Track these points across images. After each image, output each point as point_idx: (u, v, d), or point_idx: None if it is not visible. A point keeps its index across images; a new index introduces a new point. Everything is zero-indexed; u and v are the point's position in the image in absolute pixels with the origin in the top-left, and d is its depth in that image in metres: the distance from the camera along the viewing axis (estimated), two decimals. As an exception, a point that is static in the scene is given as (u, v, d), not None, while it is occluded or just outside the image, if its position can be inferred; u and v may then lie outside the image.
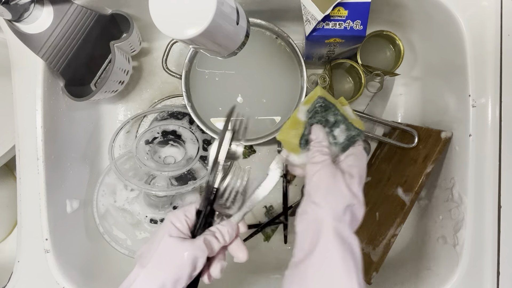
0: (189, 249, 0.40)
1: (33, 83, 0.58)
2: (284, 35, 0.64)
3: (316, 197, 0.41)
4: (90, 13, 0.57)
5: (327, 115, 0.45)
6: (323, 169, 0.42)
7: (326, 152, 0.43)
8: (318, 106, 0.45)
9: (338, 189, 0.41)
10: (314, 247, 0.39)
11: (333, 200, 0.40)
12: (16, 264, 0.59)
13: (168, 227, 0.43)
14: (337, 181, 0.41)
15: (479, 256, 0.55)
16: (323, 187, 0.41)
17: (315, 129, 0.45)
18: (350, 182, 0.42)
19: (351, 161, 0.44)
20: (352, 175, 0.43)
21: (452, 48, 0.59)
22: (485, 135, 0.55)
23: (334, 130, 0.44)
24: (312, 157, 0.43)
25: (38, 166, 0.58)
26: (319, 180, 0.42)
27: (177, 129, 0.70)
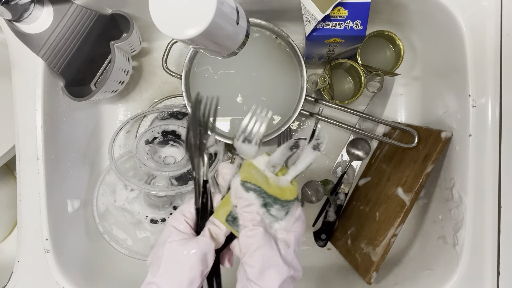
0: (194, 248, 0.40)
1: (33, 83, 0.58)
2: (284, 35, 0.64)
3: (252, 276, 0.40)
4: (90, 13, 0.57)
5: (256, 198, 0.42)
6: (257, 245, 0.40)
7: (257, 221, 0.41)
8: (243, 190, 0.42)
9: (274, 265, 0.40)
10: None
11: (270, 279, 0.40)
12: (16, 264, 0.59)
13: (170, 232, 0.42)
14: (273, 258, 0.40)
15: (479, 256, 0.55)
16: (259, 265, 0.40)
17: (238, 192, 0.42)
18: (286, 253, 0.41)
19: (287, 224, 0.43)
20: (288, 243, 0.42)
21: (452, 48, 0.59)
22: (485, 135, 0.55)
23: (269, 210, 0.42)
24: (244, 227, 0.41)
25: (38, 166, 0.58)
26: (254, 258, 0.40)
27: (177, 129, 0.70)
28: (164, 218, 0.71)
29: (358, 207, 0.71)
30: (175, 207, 0.71)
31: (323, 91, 0.69)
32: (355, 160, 0.74)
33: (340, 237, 0.71)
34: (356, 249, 0.66)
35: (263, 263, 0.40)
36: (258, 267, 0.40)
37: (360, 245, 0.66)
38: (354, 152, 0.74)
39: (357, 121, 0.74)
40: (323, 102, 0.71)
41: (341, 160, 0.75)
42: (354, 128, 0.70)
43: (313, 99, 0.71)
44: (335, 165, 0.75)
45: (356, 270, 0.66)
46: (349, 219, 0.71)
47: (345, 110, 0.70)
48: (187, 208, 0.44)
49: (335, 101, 0.70)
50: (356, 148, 0.74)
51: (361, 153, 0.73)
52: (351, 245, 0.68)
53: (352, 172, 0.74)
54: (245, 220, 0.42)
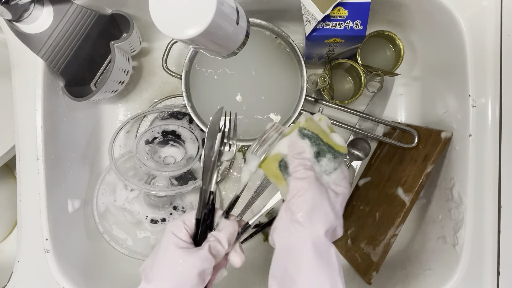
0: (195, 261, 0.39)
1: (33, 83, 0.58)
2: (284, 35, 0.64)
3: (299, 216, 0.39)
4: (90, 13, 0.57)
5: (310, 147, 0.42)
6: (307, 187, 0.40)
7: (309, 166, 0.41)
8: (298, 135, 0.43)
9: (322, 209, 0.39)
10: (297, 273, 0.38)
11: (317, 222, 0.39)
12: (16, 264, 0.59)
13: (170, 238, 0.41)
14: (322, 201, 0.40)
15: (479, 256, 0.55)
16: (307, 206, 0.39)
17: (292, 139, 0.42)
18: (335, 201, 0.41)
19: (337, 178, 0.42)
20: (337, 192, 0.41)
21: (452, 48, 0.59)
22: (485, 135, 0.55)
23: (320, 160, 0.42)
24: (295, 171, 0.41)
25: (38, 166, 0.58)
26: (302, 198, 0.39)
27: (177, 129, 0.70)
28: (164, 218, 0.71)
29: (358, 207, 0.71)
30: (175, 207, 0.71)
31: (323, 91, 0.69)
32: (355, 160, 0.74)
33: (340, 237, 0.71)
34: (356, 249, 0.66)
35: (312, 205, 0.39)
36: (307, 209, 0.39)
37: (360, 245, 0.66)
38: (354, 152, 0.74)
39: (357, 121, 0.74)
40: (323, 102, 0.71)
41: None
42: (354, 128, 0.70)
43: (313, 99, 0.71)
44: (335, 165, 0.75)
45: (356, 270, 0.66)
46: (349, 219, 0.71)
47: (345, 110, 0.70)
48: (189, 217, 0.43)
49: (335, 101, 0.70)
50: (356, 148, 0.74)
51: (361, 153, 0.73)
52: (351, 245, 0.68)
53: (352, 172, 0.74)
54: (297, 165, 0.41)
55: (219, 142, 0.45)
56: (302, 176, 0.40)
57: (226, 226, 0.44)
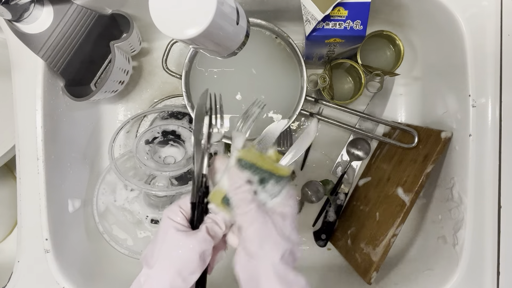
0: (195, 243, 0.40)
1: (33, 83, 0.58)
2: (284, 35, 0.64)
3: (252, 249, 0.40)
4: (90, 13, 0.57)
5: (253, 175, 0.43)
6: (252, 220, 0.40)
7: (249, 199, 0.41)
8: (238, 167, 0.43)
9: (271, 239, 0.40)
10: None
11: (269, 250, 0.40)
12: (16, 264, 0.59)
13: (168, 223, 0.42)
14: (269, 231, 0.40)
15: (479, 256, 0.55)
16: (256, 239, 0.40)
17: (232, 174, 0.43)
18: (282, 225, 0.41)
19: (283, 199, 0.43)
20: (284, 215, 0.42)
21: (452, 48, 0.59)
22: (485, 135, 0.55)
23: (265, 186, 0.43)
24: (237, 207, 0.41)
25: (38, 166, 0.58)
26: (251, 232, 0.40)
27: (177, 129, 0.70)
28: (164, 218, 0.71)
29: (358, 207, 0.71)
30: (175, 207, 0.71)
31: (323, 91, 0.69)
32: (355, 160, 0.74)
33: (340, 237, 0.71)
34: (356, 249, 0.66)
35: (260, 236, 0.40)
36: (257, 241, 0.40)
37: (360, 245, 0.66)
38: (354, 152, 0.74)
39: (357, 121, 0.74)
40: (323, 102, 0.71)
41: (341, 160, 0.75)
42: (354, 128, 0.70)
43: (313, 99, 0.71)
44: (335, 165, 0.75)
45: (356, 270, 0.66)
46: (349, 219, 0.71)
47: (345, 110, 0.70)
48: (184, 201, 0.44)
49: (335, 101, 0.70)
50: (356, 148, 0.74)
51: (361, 153, 0.73)
52: (351, 245, 0.68)
53: (352, 172, 0.74)
54: (238, 200, 0.41)
55: (207, 125, 0.46)
56: (244, 211, 0.41)
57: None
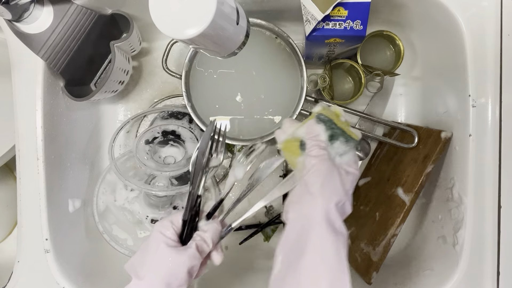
0: (185, 259, 0.43)
1: (33, 83, 0.58)
2: (284, 35, 0.64)
3: (313, 188, 0.42)
4: (90, 13, 0.57)
5: (325, 131, 0.46)
6: (321, 163, 0.43)
7: (323, 147, 0.44)
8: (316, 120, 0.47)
9: (333, 184, 0.42)
10: (306, 240, 0.40)
11: (328, 194, 0.42)
12: (16, 264, 0.59)
13: (159, 238, 0.44)
14: (333, 176, 0.43)
15: (479, 256, 0.55)
16: (320, 180, 0.42)
17: (309, 124, 0.46)
18: (345, 178, 0.44)
19: (349, 160, 0.45)
20: (348, 172, 0.44)
21: (452, 48, 0.59)
22: (485, 135, 0.55)
23: (334, 143, 0.45)
24: (310, 150, 0.44)
25: (38, 166, 0.58)
26: (316, 173, 0.43)
27: (176, 129, 0.70)
28: (164, 218, 0.71)
29: (358, 207, 0.71)
30: (175, 207, 0.71)
31: (323, 91, 0.69)
32: (355, 160, 0.74)
33: (340, 237, 0.71)
34: (356, 249, 0.66)
35: (324, 179, 0.42)
36: (319, 182, 0.42)
37: (360, 245, 0.66)
38: (354, 152, 0.74)
39: (357, 121, 0.74)
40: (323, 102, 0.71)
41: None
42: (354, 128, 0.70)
43: (313, 99, 0.71)
44: (335, 165, 0.75)
45: (356, 270, 0.66)
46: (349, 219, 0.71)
47: (345, 110, 0.70)
48: (176, 218, 0.47)
49: (335, 101, 0.70)
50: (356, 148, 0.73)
51: (361, 153, 0.73)
52: (351, 245, 0.68)
53: (352, 172, 0.74)
54: (312, 145, 0.44)
55: (208, 150, 0.50)
56: (316, 154, 0.44)
57: (210, 227, 0.48)
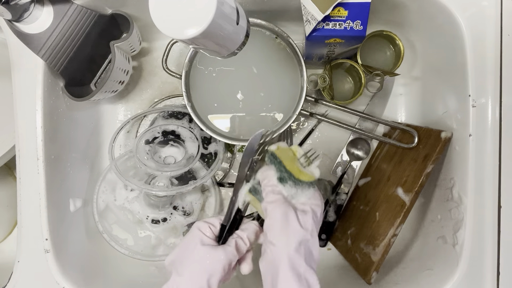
0: (224, 256, 0.44)
1: (33, 83, 0.58)
2: (284, 35, 0.64)
3: (271, 236, 0.43)
4: (90, 13, 0.57)
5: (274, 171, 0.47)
6: (275, 209, 0.44)
7: (277, 191, 0.45)
8: (267, 160, 0.49)
9: (290, 226, 0.43)
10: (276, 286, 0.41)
11: (286, 238, 0.42)
12: (16, 264, 0.59)
13: (199, 236, 0.46)
14: (289, 219, 0.43)
15: (479, 256, 0.55)
16: (276, 226, 0.43)
17: (264, 169, 0.48)
18: (303, 218, 0.44)
19: (304, 200, 0.46)
20: (305, 211, 0.45)
21: (452, 48, 0.59)
22: (485, 135, 0.55)
23: (285, 185, 0.46)
24: (266, 196, 0.46)
25: (38, 166, 0.58)
26: (272, 219, 0.43)
27: (176, 129, 0.70)
28: (166, 218, 0.71)
29: (358, 207, 0.71)
30: (175, 207, 0.71)
31: (323, 91, 0.69)
32: (355, 160, 0.74)
33: (340, 237, 0.71)
34: (356, 249, 0.66)
35: (280, 224, 0.43)
36: (276, 228, 0.43)
37: (360, 245, 0.66)
38: (354, 152, 0.74)
39: (357, 121, 0.74)
40: (323, 102, 0.71)
41: (341, 160, 0.75)
42: (354, 128, 0.70)
43: (313, 99, 0.71)
44: (335, 165, 0.75)
45: (356, 270, 0.66)
46: (349, 219, 0.71)
47: (345, 110, 0.70)
48: (214, 221, 0.48)
49: (335, 101, 0.70)
50: (356, 148, 0.74)
51: (361, 153, 0.73)
52: (351, 245, 0.68)
53: (352, 172, 0.74)
54: (267, 191, 0.46)
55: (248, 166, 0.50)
56: (271, 200, 0.45)
57: (249, 226, 0.49)
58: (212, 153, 0.73)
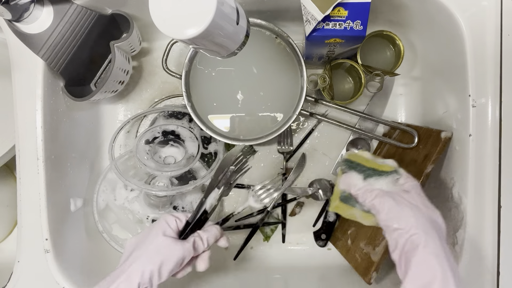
0: (180, 249, 0.47)
1: (33, 83, 0.58)
2: (284, 35, 0.64)
3: (394, 223, 0.44)
4: (90, 13, 0.57)
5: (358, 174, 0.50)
6: (384, 200, 0.45)
7: (370, 189, 0.47)
8: (344, 168, 0.52)
9: (402, 206, 0.44)
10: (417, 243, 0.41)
11: (405, 217, 0.43)
12: (16, 264, 0.59)
13: (163, 227, 0.49)
14: (399, 202, 0.45)
15: (479, 256, 0.55)
16: (393, 216, 0.44)
17: (343, 179, 0.51)
18: (408, 197, 0.46)
19: (398, 183, 0.48)
20: (407, 190, 0.47)
21: (452, 48, 0.59)
22: (485, 135, 0.55)
23: (370, 181, 0.49)
24: (364, 199, 0.47)
25: (38, 166, 0.58)
26: (386, 210, 0.44)
27: (176, 129, 0.70)
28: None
29: (358, 207, 0.70)
30: (175, 207, 0.71)
31: (323, 91, 0.69)
32: (355, 160, 0.74)
33: (340, 237, 0.71)
34: (356, 249, 0.66)
35: (395, 213, 0.44)
36: (394, 218, 0.44)
37: (360, 245, 0.66)
38: (354, 152, 0.74)
39: (357, 121, 0.74)
40: (323, 102, 0.71)
41: (341, 160, 0.75)
42: (354, 128, 0.70)
43: (313, 99, 0.71)
44: (335, 165, 0.75)
45: (356, 270, 0.66)
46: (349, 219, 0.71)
47: (345, 110, 0.70)
48: (181, 216, 0.51)
49: (335, 101, 0.70)
50: (356, 148, 0.74)
51: (361, 153, 0.73)
52: (351, 245, 0.68)
53: (352, 172, 0.74)
54: (363, 193, 0.48)
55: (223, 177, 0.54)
56: (373, 196, 0.46)
57: (211, 229, 0.51)
58: (212, 153, 0.73)
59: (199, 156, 0.68)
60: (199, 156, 0.68)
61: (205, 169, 0.71)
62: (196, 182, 0.66)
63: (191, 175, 0.71)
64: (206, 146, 0.72)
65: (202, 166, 0.72)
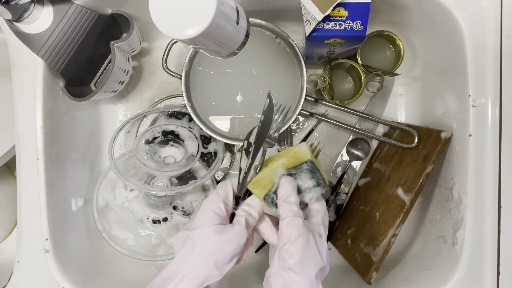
0: (232, 236, 0.43)
1: (33, 83, 0.58)
2: (284, 35, 0.64)
3: (292, 263, 0.42)
4: (90, 13, 0.57)
5: (310, 179, 0.47)
6: (298, 235, 0.42)
7: (297, 213, 0.44)
8: (305, 169, 0.47)
9: (312, 255, 0.43)
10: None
11: (308, 267, 0.42)
12: (16, 264, 0.59)
13: (209, 217, 0.44)
14: (311, 247, 0.43)
15: (479, 256, 0.55)
16: (298, 253, 0.42)
17: (284, 182, 0.46)
18: (320, 243, 0.44)
19: (319, 219, 0.46)
20: (320, 234, 0.45)
21: (452, 48, 0.59)
22: (485, 135, 0.55)
23: (310, 192, 0.46)
24: (284, 218, 0.44)
25: (38, 166, 0.59)
26: (294, 246, 0.42)
27: (175, 129, 0.70)
28: (166, 218, 0.71)
29: (358, 207, 0.71)
30: (175, 207, 0.71)
31: (323, 91, 0.69)
32: (355, 160, 0.74)
33: (340, 237, 0.71)
34: (356, 249, 0.66)
35: (302, 252, 0.42)
36: (298, 255, 0.42)
37: (360, 245, 0.66)
38: (354, 152, 0.74)
39: (357, 121, 0.74)
40: (323, 102, 0.71)
41: (341, 160, 0.75)
42: (354, 128, 0.70)
43: (313, 99, 0.71)
44: (335, 165, 0.75)
45: (356, 270, 0.66)
46: (349, 219, 0.71)
47: (345, 110, 0.70)
48: (229, 196, 0.47)
49: (335, 101, 0.70)
50: (356, 148, 0.74)
51: (361, 153, 0.73)
52: (351, 245, 0.68)
53: (352, 172, 0.74)
54: (285, 211, 0.44)
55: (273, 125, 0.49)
56: (292, 224, 0.43)
57: (252, 202, 0.46)
58: (212, 153, 0.73)
59: (199, 156, 0.68)
60: (199, 156, 0.68)
61: (205, 169, 0.71)
62: (196, 182, 0.66)
63: (191, 175, 0.71)
64: (205, 145, 0.72)
65: (202, 166, 0.72)
